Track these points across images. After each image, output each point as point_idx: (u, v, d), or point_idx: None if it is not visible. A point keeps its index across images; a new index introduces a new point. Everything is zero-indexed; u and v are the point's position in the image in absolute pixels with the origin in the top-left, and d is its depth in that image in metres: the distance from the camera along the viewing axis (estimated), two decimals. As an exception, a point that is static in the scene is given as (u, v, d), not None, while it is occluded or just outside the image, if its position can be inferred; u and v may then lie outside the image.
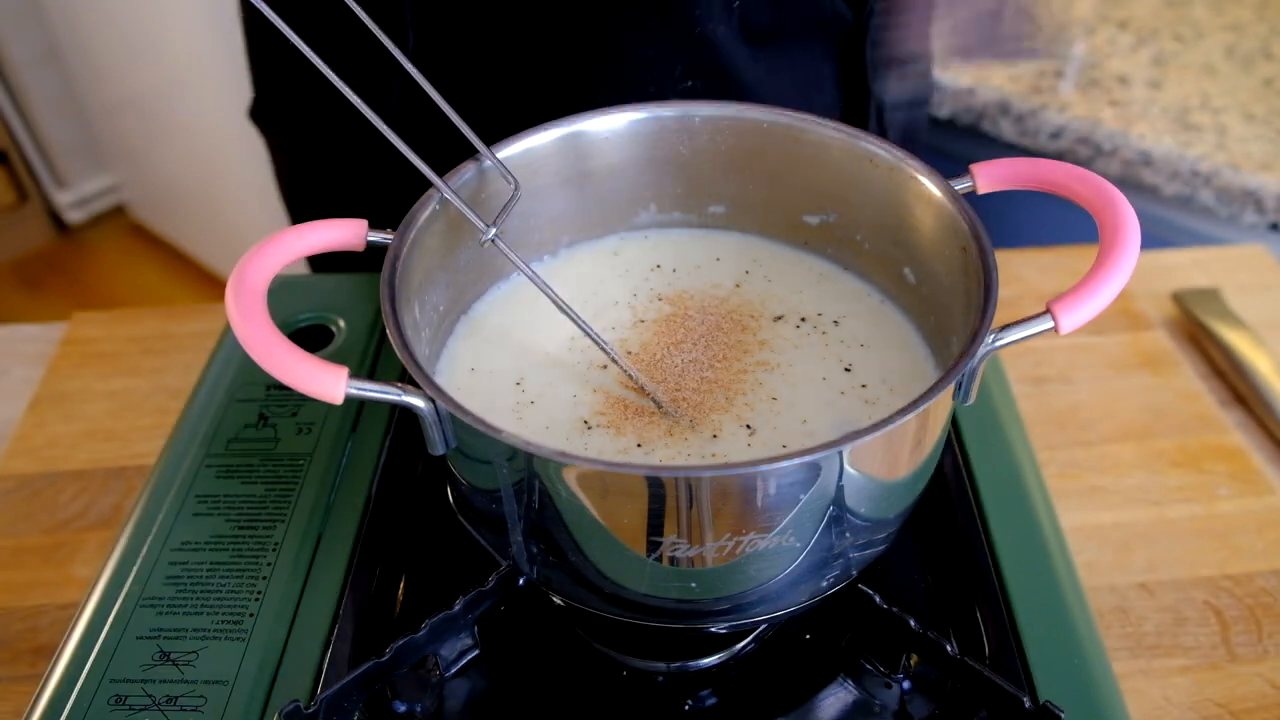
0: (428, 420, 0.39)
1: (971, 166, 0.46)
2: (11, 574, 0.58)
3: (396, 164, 0.45)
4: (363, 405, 0.60)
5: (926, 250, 0.48)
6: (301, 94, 0.71)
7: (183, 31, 1.73)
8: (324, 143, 0.74)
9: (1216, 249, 0.80)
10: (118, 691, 0.46)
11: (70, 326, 0.74)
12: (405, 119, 0.58)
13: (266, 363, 0.37)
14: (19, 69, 2.12)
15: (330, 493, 0.55)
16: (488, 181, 0.48)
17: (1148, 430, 0.64)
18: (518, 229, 0.52)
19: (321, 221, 0.44)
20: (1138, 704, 0.50)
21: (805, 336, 0.51)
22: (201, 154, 1.92)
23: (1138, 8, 1.21)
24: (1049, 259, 0.77)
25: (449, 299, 0.50)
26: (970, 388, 0.41)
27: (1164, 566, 0.56)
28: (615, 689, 0.48)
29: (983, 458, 0.56)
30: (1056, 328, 0.39)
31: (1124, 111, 1.03)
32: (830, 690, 0.47)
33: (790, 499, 0.37)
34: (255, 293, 0.39)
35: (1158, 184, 1.00)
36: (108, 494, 0.62)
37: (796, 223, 0.55)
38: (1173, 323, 0.73)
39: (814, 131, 0.50)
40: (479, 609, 0.48)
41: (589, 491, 0.37)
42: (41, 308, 2.18)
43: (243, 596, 0.50)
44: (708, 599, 0.41)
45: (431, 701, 0.47)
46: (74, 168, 2.31)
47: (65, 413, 0.68)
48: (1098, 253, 0.40)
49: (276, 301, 0.64)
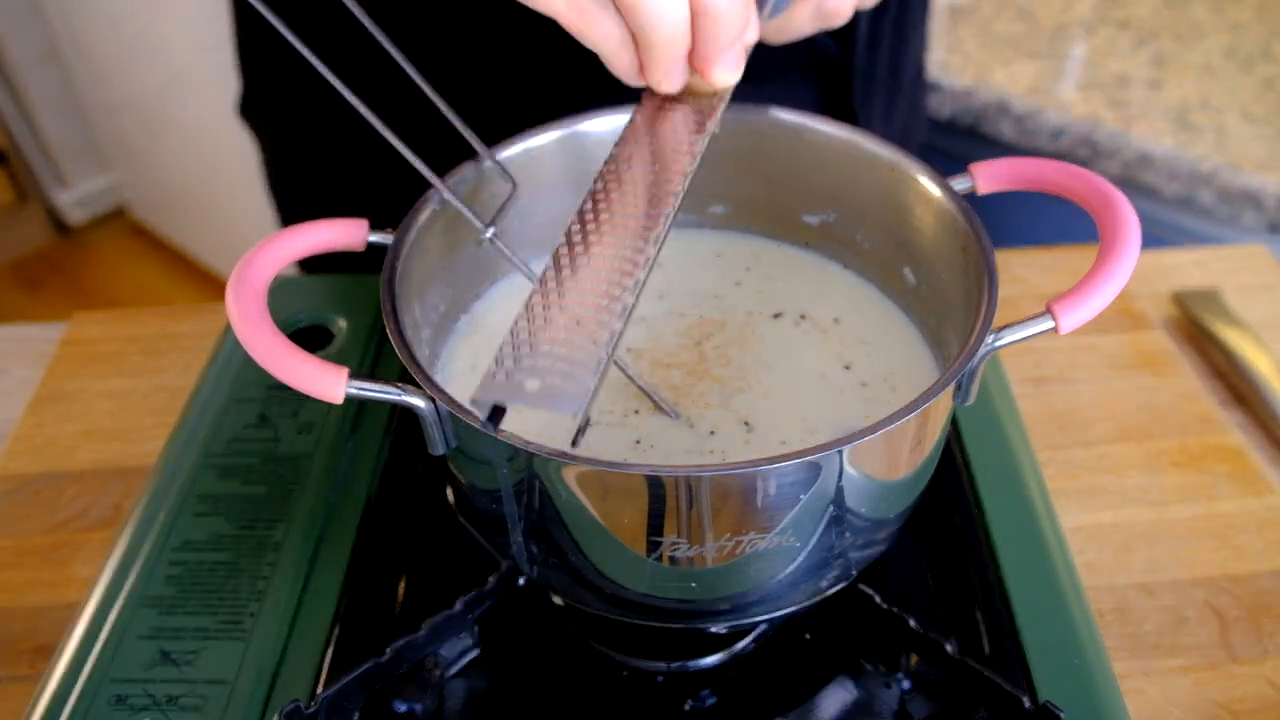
0: (428, 420, 0.39)
1: (971, 166, 0.46)
2: (11, 574, 0.58)
3: (389, 161, 0.45)
4: (363, 405, 0.60)
5: (926, 250, 0.48)
6: (291, 89, 0.71)
7: (182, 31, 1.73)
8: (314, 139, 0.74)
9: (1216, 249, 0.80)
10: (118, 691, 0.46)
11: (70, 326, 0.74)
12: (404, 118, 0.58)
13: (267, 363, 0.37)
14: (19, 69, 2.12)
15: (330, 493, 0.55)
16: (487, 181, 0.48)
17: (1148, 430, 0.64)
18: (518, 229, 0.52)
19: (321, 221, 0.44)
20: (1138, 704, 0.50)
21: (805, 335, 0.51)
22: (201, 154, 1.92)
23: (1138, 8, 1.22)
24: (1049, 259, 0.77)
25: (449, 298, 0.50)
26: (970, 388, 0.41)
27: (1164, 566, 0.56)
28: (615, 689, 0.48)
29: (983, 458, 0.56)
30: (1056, 328, 0.39)
31: (1124, 111, 1.03)
32: (830, 690, 0.47)
33: (790, 499, 0.37)
34: (255, 293, 0.39)
35: (1158, 184, 1.00)
36: (108, 494, 0.62)
37: (797, 222, 0.55)
38: (1173, 323, 0.73)
39: (814, 131, 0.50)
40: (479, 609, 0.48)
41: (589, 491, 0.37)
42: (41, 308, 2.18)
43: (243, 596, 0.50)
44: (708, 599, 0.41)
45: (431, 701, 0.47)
46: (74, 168, 2.31)
47: (65, 413, 0.68)
48: (1098, 253, 0.40)
49: (276, 301, 0.64)
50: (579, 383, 0.31)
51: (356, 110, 0.38)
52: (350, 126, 0.48)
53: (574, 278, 0.35)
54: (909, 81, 0.80)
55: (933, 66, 1.11)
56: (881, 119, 0.76)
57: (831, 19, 0.48)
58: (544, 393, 0.31)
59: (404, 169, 0.42)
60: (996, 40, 1.16)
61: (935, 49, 1.14)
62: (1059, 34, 1.17)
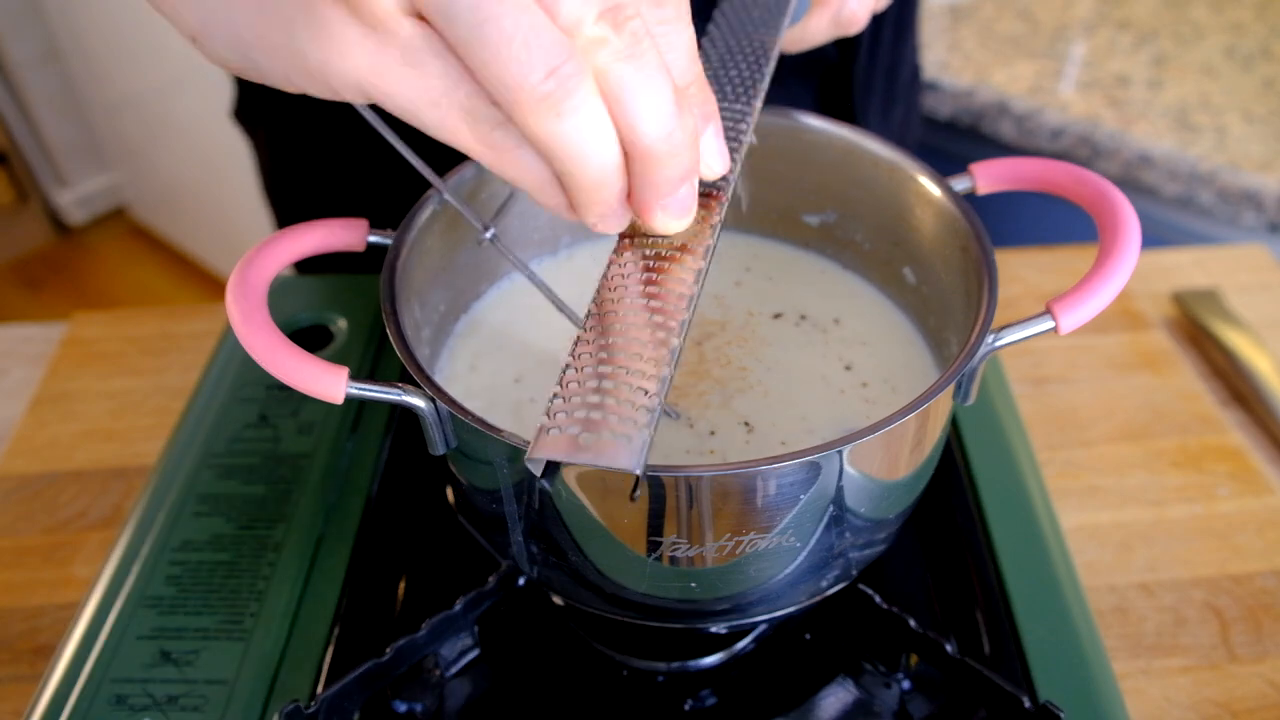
0: (428, 420, 0.39)
1: (971, 166, 0.46)
2: (11, 574, 0.58)
3: (389, 161, 0.45)
4: (363, 405, 0.60)
5: (926, 250, 0.48)
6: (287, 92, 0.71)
7: (183, 31, 1.72)
8: (310, 141, 0.74)
9: (1216, 249, 0.80)
10: (118, 691, 0.46)
11: (70, 326, 0.74)
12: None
13: (267, 363, 0.37)
14: (19, 69, 2.13)
15: (330, 493, 0.55)
16: (487, 181, 0.48)
17: (1148, 430, 0.64)
18: (518, 228, 0.52)
19: (322, 221, 0.44)
20: (1138, 704, 0.50)
21: (805, 335, 0.51)
22: (201, 154, 1.92)
23: (1138, 8, 1.22)
24: (1049, 259, 0.77)
25: (449, 298, 0.50)
26: (970, 388, 0.41)
27: (1164, 566, 0.56)
28: (615, 689, 0.48)
29: (983, 458, 0.56)
30: (1056, 328, 0.39)
31: (1124, 111, 1.03)
32: (830, 690, 0.47)
33: (790, 499, 0.37)
34: (256, 293, 0.39)
35: (1158, 184, 1.00)
36: (108, 494, 0.62)
37: (797, 222, 0.55)
38: (1173, 323, 0.73)
39: (814, 131, 0.50)
40: (479, 609, 0.48)
41: (589, 491, 0.37)
42: (41, 308, 2.19)
43: (243, 596, 0.50)
44: (708, 599, 0.41)
45: (431, 701, 0.47)
46: (74, 168, 2.31)
47: (65, 413, 0.68)
48: (1098, 253, 0.40)
49: (276, 302, 0.64)
50: (635, 437, 0.31)
51: (355, 110, 0.38)
52: (348, 127, 0.48)
53: (619, 322, 0.34)
54: (905, 82, 0.80)
55: (933, 66, 1.11)
56: (879, 120, 0.76)
57: (848, 27, 0.48)
58: (600, 448, 0.30)
59: (404, 169, 0.42)
60: (996, 40, 1.16)
61: (935, 49, 1.14)
62: (1059, 34, 1.17)
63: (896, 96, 0.79)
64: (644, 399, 0.32)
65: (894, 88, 0.78)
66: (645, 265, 0.36)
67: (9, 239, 2.30)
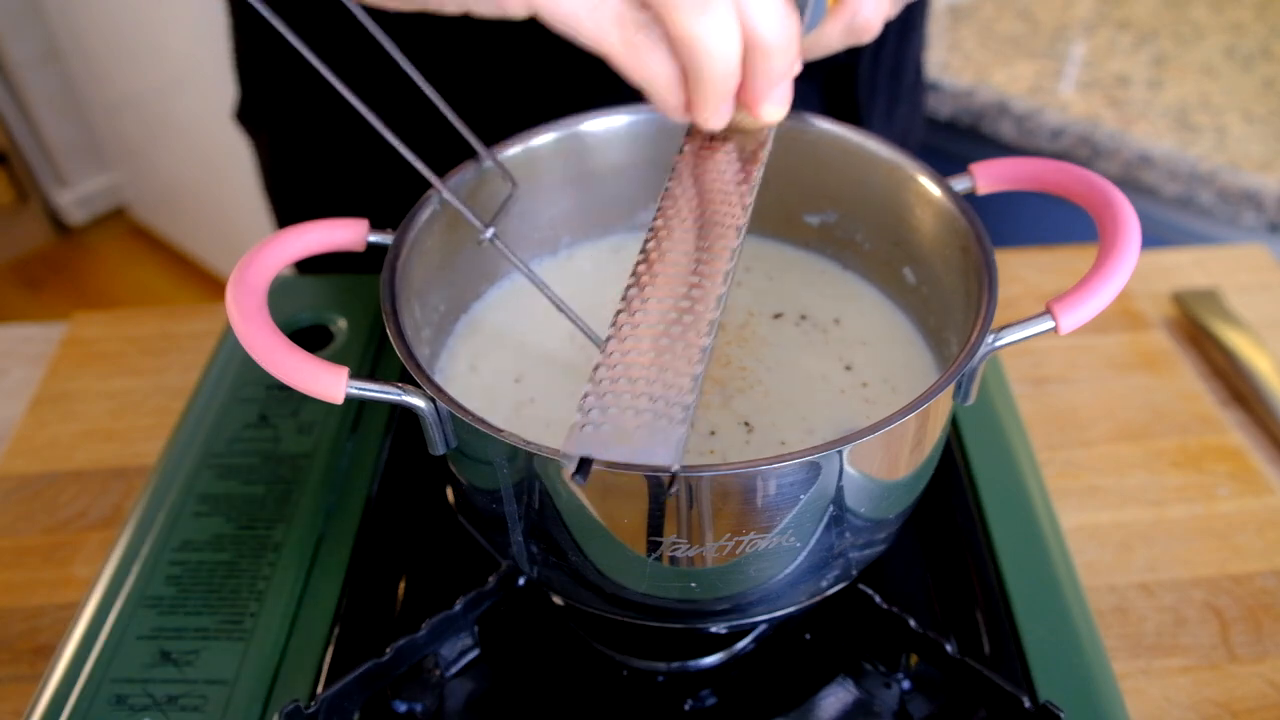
0: (428, 420, 0.39)
1: (971, 166, 0.46)
2: (11, 574, 0.58)
3: (389, 161, 0.45)
4: (363, 405, 0.60)
5: (926, 250, 0.48)
6: (290, 94, 0.71)
7: (182, 32, 1.73)
8: (312, 142, 0.74)
9: (1216, 249, 0.80)
10: (118, 691, 0.46)
11: (70, 326, 0.74)
12: (404, 118, 0.58)
13: (267, 363, 0.37)
14: (19, 69, 2.13)
15: (330, 493, 0.55)
16: (487, 181, 0.48)
17: (1148, 430, 0.64)
18: (518, 228, 0.52)
19: (322, 221, 0.44)
20: (1138, 704, 0.50)
21: (805, 335, 0.51)
22: (201, 154, 1.92)
23: (1138, 8, 1.22)
24: (1049, 259, 0.77)
25: (449, 298, 0.50)
26: (970, 388, 0.41)
27: (1164, 566, 0.56)
28: (615, 689, 0.48)
29: (983, 458, 0.56)
30: (1056, 328, 0.39)
31: (1124, 111, 1.03)
32: (830, 690, 0.47)
33: (790, 499, 0.37)
34: (256, 293, 0.39)
35: (1158, 184, 1.00)
36: (108, 494, 0.62)
37: (797, 223, 0.55)
38: (1173, 323, 0.73)
39: (815, 131, 0.50)
40: (479, 609, 0.48)
41: (589, 491, 0.37)
42: (41, 308, 2.19)
43: (243, 596, 0.50)
44: (708, 599, 0.41)
45: (431, 701, 0.47)
46: (74, 168, 2.31)
47: (65, 413, 0.68)
48: (1098, 253, 0.40)
49: (276, 301, 0.64)
50: (670, 432, 0.31)
51: (356, 112, 0.38)
52: (350, 128, 0.48)
53: (648, 322, 0.35)
54: (909, 83, 0.80)
55: (933, 66, 1.11)
56: (883, 120, 0.76)
57: (861, 35, 0.48)
58: (636, 445, 0.31)
59: (404, 169, 0.42)
60: (996, 40, 1.16)
61: (935, 49, 1.14)
62: (1059, 34, 1.17)
63: (901, 96, 0.79)
64: (679, 395, 0.32)
65: (899, 88, 0.78)
66: (673, 264, 0.37)
67: (9, 239, 2.30)
